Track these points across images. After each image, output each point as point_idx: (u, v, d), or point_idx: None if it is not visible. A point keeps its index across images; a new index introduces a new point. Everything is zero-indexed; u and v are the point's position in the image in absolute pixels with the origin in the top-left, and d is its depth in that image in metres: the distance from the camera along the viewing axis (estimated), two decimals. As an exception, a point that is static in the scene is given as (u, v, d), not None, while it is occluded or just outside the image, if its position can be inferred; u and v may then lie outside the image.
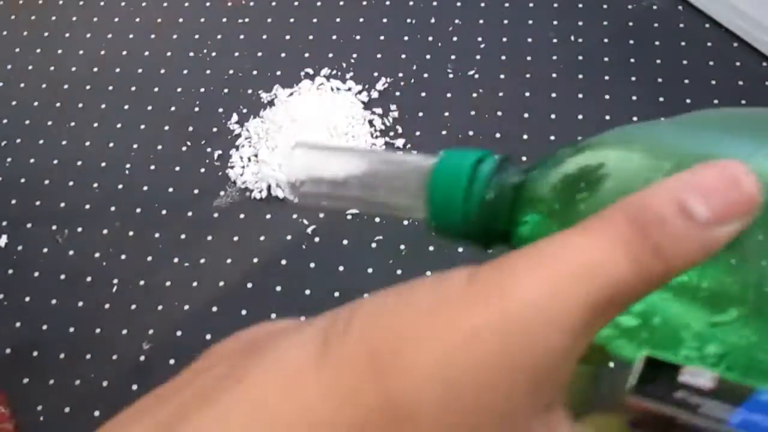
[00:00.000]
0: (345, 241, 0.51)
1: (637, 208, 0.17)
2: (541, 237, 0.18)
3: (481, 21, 0.61)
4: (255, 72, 0.60)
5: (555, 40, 0.59)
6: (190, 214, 0.54)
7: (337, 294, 0.49)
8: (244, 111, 0.58)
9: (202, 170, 0.56)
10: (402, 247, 0.50)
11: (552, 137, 0.53)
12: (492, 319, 0.16)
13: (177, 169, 0.56)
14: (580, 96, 0.55)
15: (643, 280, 0.17)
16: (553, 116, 0.55)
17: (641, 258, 0.17)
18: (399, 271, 0.50)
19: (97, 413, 0.46)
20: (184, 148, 0.57)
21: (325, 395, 0.16)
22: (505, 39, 0.60)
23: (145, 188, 0.55)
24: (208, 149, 0.57)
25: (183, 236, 0.52)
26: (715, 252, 0.17)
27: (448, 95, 0.57)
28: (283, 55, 0.61)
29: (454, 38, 0.60)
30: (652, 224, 0.17)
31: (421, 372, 0.16)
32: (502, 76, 0.57)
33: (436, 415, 0.16)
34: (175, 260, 0.52)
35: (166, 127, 0.58)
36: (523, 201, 0.23)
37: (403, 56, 0.60)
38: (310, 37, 0.62)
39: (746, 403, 0.18)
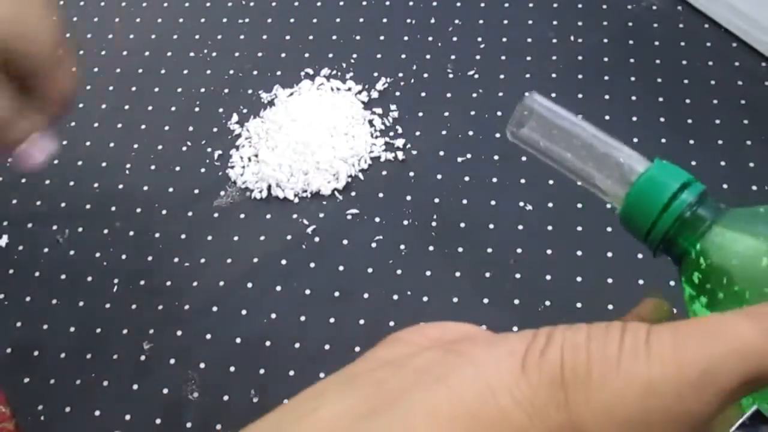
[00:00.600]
0: (345, 241, 0.51)
1: None
2: (708, 286, 0.25)
3: (481, 21, 0.61)
4: (255, 72, 0.60)
5: (555, 40, 0.59)
6: (190, 214, 0.54)
7: (337, 294, 0.49)
8: (245, 111, 0.58)
9: (203, 170, 0.56)
10: (402, 247, 0.50)
11: (552, 137, 0.53)
12: (668, 377, 0.20)
13: (177, 169, 0.56)
14: (580, 96, 0.55)
15: None
16: (553, 116, 0.55)
17: None
18: (399, 271, 0.50)
19: (97, 413, 0.46)
20: (184, 148, 0.57)
21: (520, 406, 0.20)
22: (505, 39, 0.60)
23: (146, 188, 0.55)
24: (209, 149, 0.57)
25: (183, 236, 0.52)
26: None
27: (448, 95, 0.57)
28: (283, 55, 0.61)
29: (454, 38, 0.60)
30: None
31: (603, 407, 0.20)
32: (502, 76, 0.57)
33: None
34: (175, 260, 0.52)
35: (167, 127, 0.58)
36: (708, 241, 0.28)
37: (403, 56, 0.60)
38: (310, 37, 0.62)
39: None
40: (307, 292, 0.49)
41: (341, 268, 0.50)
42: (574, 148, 0.31)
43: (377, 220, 0.52)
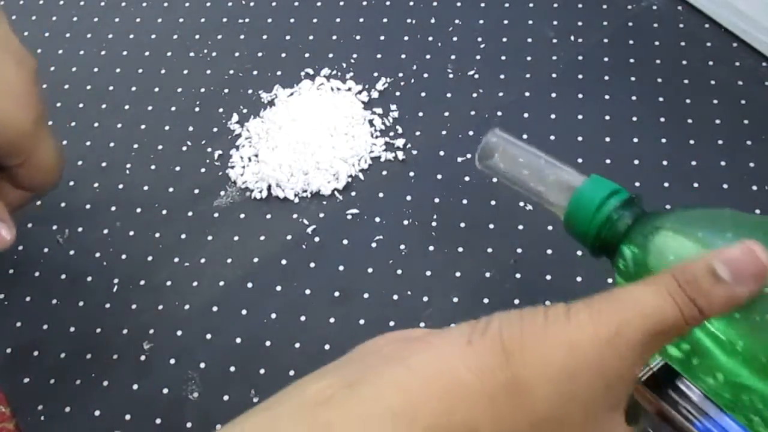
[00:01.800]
0: (345, 241, 0.51)
1: (681, 271, 0.28)
2: (629, 271, 0.32)
3: (481, 21, 0.61)
4: (255, 72, 0.60)
5: (555, 40, 0.59)
6: (190, 214, 0.54)
7: (337, 294, 0.49)
8: (245, 111, 0.58)
9: (203, 170, 0.56)
10: (402, 247, 0.50)
11: (552, 137, 0.53)
12: (586, 337, 0.26)
13: (177, 169, 0.56)
14: (580, 96, 0.55)
15: (683, 320, 0.27)
16: (553, 116, 0.55)
17: (681, 305, 0.27)
18: (399, 271, 0.50)
19: (97, 413, 0.46)
20: (184, 148, 0.57)
21: (470, 371, 0.25)
22: (505, 39, 0.60)
23: (146, 188, 0.55)
24: (209, 149, 0.57)
25: (183, 236, 0.52)
26: (737, 305, 0.28)
27: (448, 95, 0.57)
28: (283, 55, 0.61)
29: (454, 38, 0.60)
30: (689, 282, 0.27)
31: (536, 365, 0.26)
32: (502, 76, 0.58)
33: (545, 392, 0.26)
34: (175, 260, 0.52)
35: (167, 127, 0.58)
36: (628, 238, 0.34)
37: (403, 56, 0.60)
38: (310, 37, 0.62)
39: (713, 420, 0.28)
40: (307, 292, 0.49)
41: (341, 268, 0.50)
42: (530, 172, 0.39)
43: (377, 220, 0.52)
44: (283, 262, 0.51)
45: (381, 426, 0.24)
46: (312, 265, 0.50)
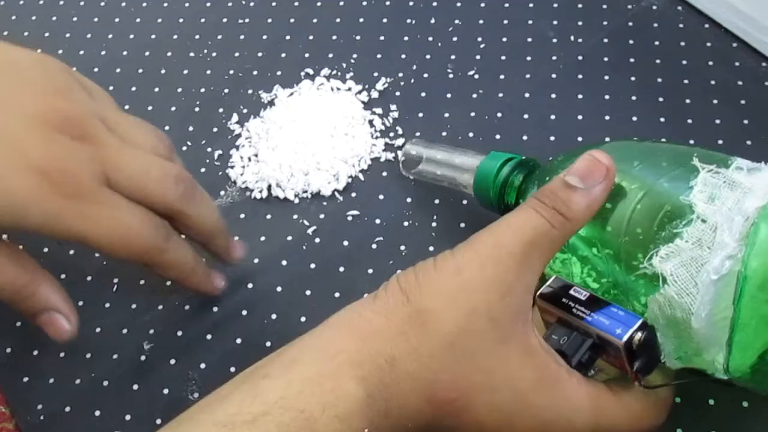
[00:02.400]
0: (345, 242, 0.51)
1: (541, 190, 0.34)
2: None
3: (481, 21, 0.61)
4: (255, 72, 0.61)
5: (555, 40, 0.59)
6: (190, 213, 0.53)
7: (337, 294, 0.49)
8: (245, 111, 0.58)
9: (203, 170, 0.56)
10: (402, 247, 0.50)
11: (552, 137, 0.53)
12: (471, 259, 0.33)
13: (177, 168, 0.56)
14: (580, 96, 0.55)
15: (550, 227, 0.33)
16: (552, 117, 0.55)
17: (546, 215, 0.33)
18: (399, 272, 0.50)
19: (98, 413, 0.46)
20: (184, 148, 0.57)
21: (378, 314, 0.32)
22: (505, 39, 0.60)
23: (146, 188, 0.55)
24: (209, 149, 0.57)
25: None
26: (596, 208, 0.34)
27: (448, 95, 0.57)
28: (283, 55, 0.61)
29: (454, 38, 0.60)
30: (548, 196, 0.34)
31: (431, 291, 0.32)
32: (502, 76, 0.58)
33: (446, 313, 0.32)
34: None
35: (167, 127, 0.58)
36: (524, 193, 0.42)
37: (403, 56, 0.60)
38: (310, 37, 0.62)
39: (600, 310, 0.33)
40: (308, 293, 0.49)
41: (341, 269, 0.50)
42: (446, 168, 0.48)
43: (377, 221, 0.52)
44: (284, 263, 0.51)
45: (328, 360, 0.31)
46: (312, 266, 0.51)
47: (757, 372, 0.33)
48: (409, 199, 0.52)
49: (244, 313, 0.49)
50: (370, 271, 0.50)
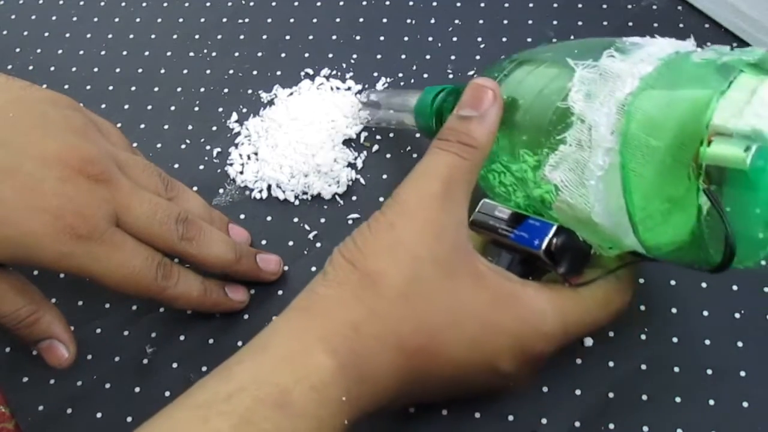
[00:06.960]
0: (346, 245, 0.51)
1: (442, 131, 0.37)
2: None
3: (481, 21, 0.61)
4: (255, 72, 0.60)
5: (555, 40, 0.59)
6: (190, 214, 0.53)
7: (337, 296, 0.49)
8: (244, 111, 0.58)
9: (201, 167, 0.56)
10: (402, 248, 0.50)
11: (552, 138, 0.53)
12: (398, 211, 0.35)
13: (176, 166, 0.56)
14: (580, 96, 0.55)
15: (461, 159, 0.35)
16: (553, 117, 0.55)
17: (452, 150, 0.36)
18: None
19: (99, 415, 0.47)
20: (183, 146, 0.57)
21: (330, 286, 0.35)
22: (505, 39, 0.60)
23: (146, 188, 0.55)
24: (207, 147, 0.57)
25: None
26: (495, 128, 0.36)
27: (448, 95, 0.57)
28: (283, 55, 0.61)
29: (454, 38, 0.60)
30: (447, 134, 0.36)
31: (374, 252, 0.34)
32: (502, 77, 0.57)
33: (392, 268, 0.34)
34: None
35: (166, 126, 0.58)
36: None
37: (403, 56, 0.60)
38: (310, 37, 0.62)
39: (520, 226, 0.35)
40: (309, 295, 0.49)
41: (342, 270, 0.50)
42: (395, 110, 0.51)
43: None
44: (286, 267, 0.51)
45: (296, 339, 0.33)
46: (314, 269, 0.51)
47: (681, 248, 0.33)
48: (409, 200, 0.52)
49: (246, 317, 0.49)
50: (371, 272, 0.50)
